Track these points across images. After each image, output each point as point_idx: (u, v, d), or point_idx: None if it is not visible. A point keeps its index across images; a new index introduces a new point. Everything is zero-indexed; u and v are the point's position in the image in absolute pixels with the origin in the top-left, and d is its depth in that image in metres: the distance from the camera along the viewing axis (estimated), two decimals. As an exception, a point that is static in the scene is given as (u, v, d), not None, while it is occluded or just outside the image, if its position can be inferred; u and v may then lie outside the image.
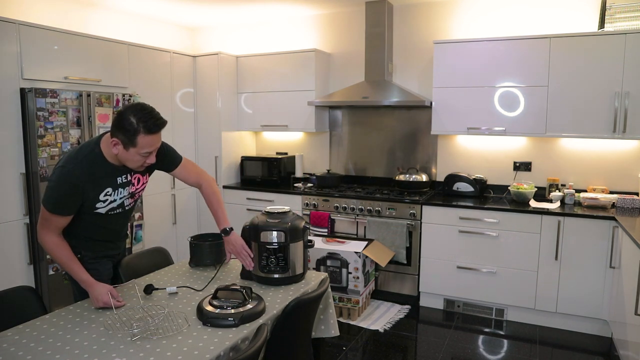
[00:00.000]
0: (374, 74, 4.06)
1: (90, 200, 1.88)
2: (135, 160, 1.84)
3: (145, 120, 1.77)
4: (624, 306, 2.73)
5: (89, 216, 1.93)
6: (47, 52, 3.10)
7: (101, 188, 1.89)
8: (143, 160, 1.85)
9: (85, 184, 1.83)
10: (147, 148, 1.81)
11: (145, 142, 1.79)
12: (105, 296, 1.80)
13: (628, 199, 3.34)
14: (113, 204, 1.95)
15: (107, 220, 1.99)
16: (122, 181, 1.95)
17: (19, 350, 1.50)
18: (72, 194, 1.82)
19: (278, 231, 2.07)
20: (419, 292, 3.75)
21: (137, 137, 1.77)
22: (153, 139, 1.81)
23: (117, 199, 1.95)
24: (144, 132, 1.77)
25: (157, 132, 1.83)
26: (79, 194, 1.83)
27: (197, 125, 4.49)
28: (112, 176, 1.91)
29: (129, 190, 1.99)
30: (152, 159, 1.87)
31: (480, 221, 3.45)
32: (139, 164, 1.86)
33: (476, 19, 3.88)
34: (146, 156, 1.84)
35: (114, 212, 1.98)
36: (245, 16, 4.62)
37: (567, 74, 3.34)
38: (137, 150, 1.80)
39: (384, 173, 4.37)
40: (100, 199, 1.90)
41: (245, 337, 1.61)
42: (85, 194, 1.85)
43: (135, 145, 1.78)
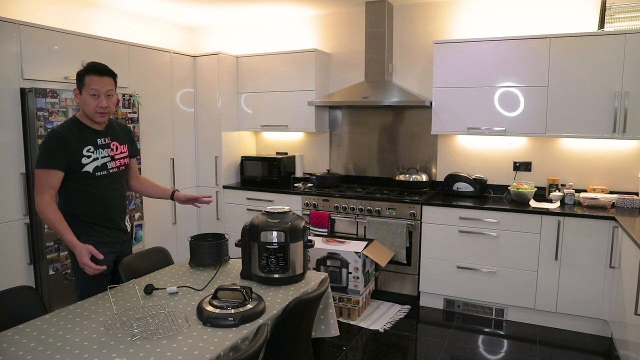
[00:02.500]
0: (374, 74, 4.06)
1: (75, 154, 2.10)
2: (89, 103, 2.11)
3: (90, 64, 2.16)
4: (624, 306, 2.73)
5: (80, 180, 2.13)
6: (47, 52, 3.10)
7: (84, 144, 2.13)
8: (95, 103, 2.11)
9: (68, 138, 2.09)
10: (94, 85, 2.10)
11: (90, 80, 2.10)
12: (85, 257, 1.98)
13: (628, 199, 3.34)
14: (97, 162, 2.17)
15: (97, 183, 2.18)
16: (102, 143, 2.21)
17: (19, 350, 1.50)
18: (59, 147, 2.06)
19: (278, 231, 2.07)
20: (419, 292, 3.75)
21: (85, 77, 2.11)
22: (98, 80, 2.11)
23: (100, 157, 2.19)
24: (89, 73, 2.11)
25: (100, 73, 2.13)
26: (65, 146, 2.07)
27: (197, 125, 4.49)
28: (91, 136, 2.17)
29: (109, 153, 2.23)
30: (102, 101, 2.11)
31: (480, 221, 3.45)
32: (94, 106, 2.11)
33: (476, 19, 3.88)
34: (94, 97, 2.10)
35: (100, 173, 2.19)
36: (245, 16, 4.62)
37: (567, 74, 3.34)
38: (87, 91, 2.10)
39: (384, 173, 4.37)
40: (84, 154, 2.12)
41: (245, 337, 1.61)
42: (69, 146, 2.08)
43: (84, 84, 2.11)
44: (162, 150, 4.08)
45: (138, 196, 3.64)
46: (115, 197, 2.28)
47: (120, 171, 2.30)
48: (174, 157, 4.23)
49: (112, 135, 2.26)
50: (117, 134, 2.30)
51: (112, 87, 2.17)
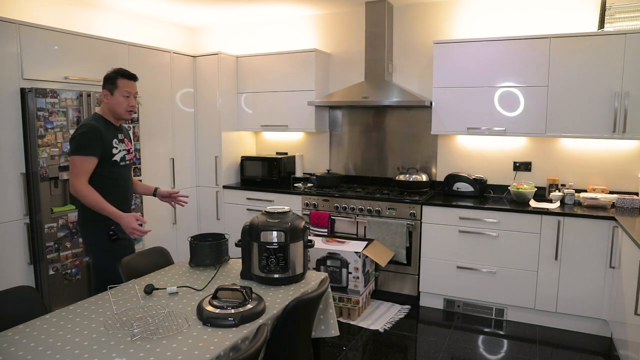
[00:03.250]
0: (374, 74, 4.06)
1: (107, 144, 2.39)
2: (120, 102, 2.44)
3: (120, 69, 2.49)
4: (624, 306, 2.73)
5: (109, 167, 2.41)
6: (47, 52, 3.10)
7: (112, 136, 2.44)
8: (126, 102, 2.45)
9: (101, 131, 2.37)
10: (126, 88, 2.44)
11: (123, 83, 2.44)
12: (133, 222, 2.26)
13: (628, 199, 3.34)
14: (121, 154, 2.49)
15: (120, 171, 2.48)
16: (120, 138, 2.51)
17: (19, 350, 1.50)
18: (96, 137, 2.34)
19: (278, 231, 2.07)
20: (419, 292, 3.75)
21: (117, 80, 2.43)
22: (129, 83, 2.47)
23: (121, 149, 2.50)
24: (122, 77, 2.45)
25: (130, 78, 2.48)
26: (100, 137, 2.36)
27: (197, 125, 4.49)
28: (114, 131, 2.48)
29: (125, 147, 2.54)
30: (132, 101, 2.47)
31: (480, 221, 3.45)
32: (124, 105, 2.45)
33: (476, 19, 3.88)
34: (127, 96, 2.44)
35: (123, 163, 2.50)
36: (245, 16, 4.62)
37: (567, 74, 3.34)
38: (120, 93, 2.42)
39: (384, 173, 4.37)
40: (114, 145, 2.44)
41: (245, 337, 1.61)
42: (103, 137, 2.37)
43: (117, 86, 2.42)
44: (162, 150, 4.09)
45: (138, 196, 3.64)
46: (129, 185, 2.61)
47: (131, 164, 2.63)
48: (174, 157, 4.23)
49: (124, 133, 2.59)
50: (126, 133, 2.63)
51: (137, 90, 2.54)
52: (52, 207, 3.09)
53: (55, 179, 3.09)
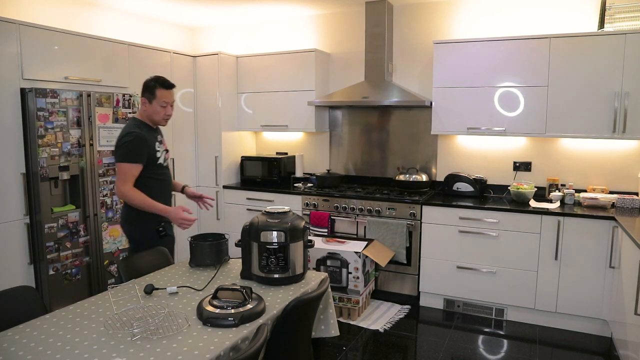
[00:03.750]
0: (374, 74, 4.06)
1: (151, 149, 2.53)
2: (158, 110, 2.55)
3: (159, 79, 2.56)
4: (624, 306, 2.73)
5: (154, 170, 2.55)
6: (47, 52, 3.10)
7: (154, 140, 2.58)
8: (164, 111, 2.56)
9: (145, 136, 2.51)
10: (164, 98, 2.54)
11: (161, 94, 2.53)
12: (181, 213, 2.43)
13: (628, 199, 3.34)
14: (162, 156, 2.63)
15: (164, 172, 2.63)
16: (159, 139, 2.66)
17: (19, 350, 1.50)
18: (142, 145, 2.48)
19: (278, 231, 2.07)
20: (419, 292, 3.75)
21: (156, 90, 2.52)
22: (167, 93, 2.55)
23: (162, 151, 2.64)
24: (161, 87, 2.53)
25: (168, 87, 2.55)
26: (145, 144, 2.49)
27: (197, 125, 4.49)
28: (154, 133, 2.62)
29: (164, 148, 2.68)
30: (168, 110, 2.58)
31: (480, 221, 3.45)
32: (162, 114, 2.56)
33: (476, 19, 3.88)
34: (164, 106, 2.55)
35: (164, 163, 2.65)
36: (245, 16, 4.62)
37: (567, 74, 3.34)
38: (158, 101, 2.53)
39: (384, 173, 4.37)
40: (156, 148, 2.58)
41: (245, 337, 1.61)
42: (148, 143, 2.51)
43: (155, 96, 2.52)
44: (162, 150, 4.08)
45: (138, 196, 3.64)
46: (169, 183, 2.74)
47: (168, 163, 2.75)
48: (174, 157, 4.23)
49: (160, 134, 2.72)
50: (161, 134, 2.75)
51: (174, 98, 2.63)
52: (52, 207, 3.09)
53: (55, 179, 3.10)
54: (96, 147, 3.30)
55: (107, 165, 3.40)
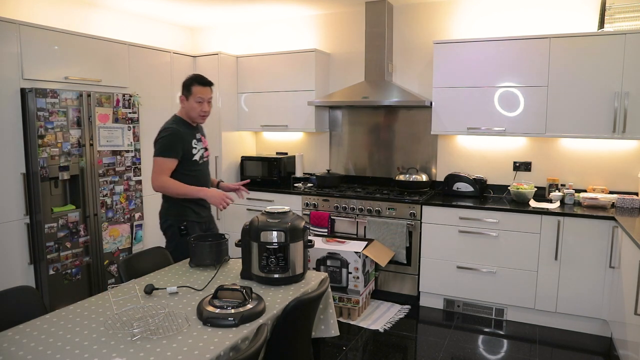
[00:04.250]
0: (374, 74, 4.06)
1: (188, 144, 2.61)
2: (194, 107, 2.61)
3: (196, 76, 2.65)
4: (624, 306, 2.73)
5: (189, 166, 2.62)
6: (47, 52, 3.10)
7: (191, 137, 2.65)
8: (199, 108, 2.61)
9: (182, 132, 2.60)
10: (200, 94, 2.60)
11: (197, 90, 2.60)
12: (220, 193, 2.53)
13: (628, 199, 3.34)
14: (200, 152, 2.69)
15: (199, 169, 2.69)
16: (198, 137, 2.72)
17: (19, 350, 1.50)
18: (178, 140, 2.57)
19: (278, 231, 2.07)
20: (419, 292, 3.75)
21: (192, 87, 2.60)
22: (203, 89, 2.61)
23: (199, 149, 2.70)
24: (197, 84, 2.61)
25: (204, 84, 2.62)
26: (181, 139, 2.58)
27: (197, 125, 4.49)
28: (193, 131, 2.69)
29: (203, 145, 2.75)
30: (204, 106, 2.63)
31: (480, 221, 3.45)
32: (197, 110, 2.62)
33: (476, 19, 3.88)
34: (200, 102, 2.61)
35: (201, 160, 2.71)
36: (245, 16, 4.62)
37: (567, 74, 3.34)
38: (194, 98, 2.60)
39: (384, 173, 4.37)
40: (193, 145, 2.64)
41: (245, 337, 1.61)
42: (184, 139, 2.59)
43: (191, 92, 2.60)
44: (162, 150, 4.08)
45: (138, 196, 3.64)
46: (207, 180, 2.78)
47: (208, 160, 2.82)
48: (174, 157, 4.22)
49: (201, 132, 2.78)
50: (203, 132, 2.82)
51: (211, 95, 2.68)
52: (52, 207, 3.09)
53: (55, 179, 3.10)
54: (96, 147, 3.30)
55: (107, 165, 3.40)
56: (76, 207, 3.23)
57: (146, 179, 3.80)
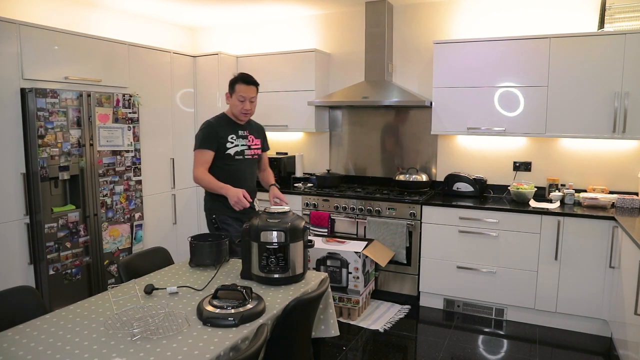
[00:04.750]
0: (374, 74, 4.06)
1: (222, 139, 2.69)
2: (236, 104, 2.72)
3: (241, 75, 2.75)
4: (624, 306, 2.73)
5: (224, 160, 2.70)
6: (47, 52, 3.10)
7: (229, 132, 2.74)
8: (241, 106, 2.71)
9: (217, 127, 2.72)
10: (242, 93, 2.69)
11: (240, 88, 2.70)
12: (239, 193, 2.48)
13: (628, 199, 3.34)
14: (237, 148, 2.75)
15: (235, 164, 2.74)
16: (242, 134, 2.79)
17: (19, 350, 1.50)
18: (210, 133, 2.69)
19: (278, 231, 2.07)
20: (419, 292, 3.75)
21: (235, 85, 2.71)
22: (246, 88, 2.71)
23: (239, 145, 2.76)
24: (240, 82, 2.71)
25: (247, 83, 2.71)
26: (214, 132, 2.69)
27: (197, 125, 4.48)
28: (235, 128, 2.77)
29: (246, 143, 2.80)
30: (246, 105, 2.71)
31: (480, 221, 3.45)
32: (239, 107, 2.71)
33: (476, 19, 3.88)
34: (242, 101, 2.70)
35: (239, 157, 2.75)
36: (245, 16, 4.62)
37: (567, 74, 3.34)
38: (236, 95, 2.70)
39: (384, 173, 4.37)
40: (229, 140, 2.72)
41: (245, 337, 1.61)
42: (218, 134, 2.69)
43: (234, 90, 2.71)
44: (162, 150, 4.09)
45: (138, 196, 3.64)
46: (247, 178, 2.82)
47: (253, 159, 2.85)
48: (174, 157, 4.23)
49: (249, 130, 2.84)
50: (254, 130, 2.88)
51: (255, 94, 2.76)
52: (52, 207, 3.09)
53: (55, 179, 3.10)
54: (96, 147, 3.30)
55: (107, 165, 3.40)
56: (76, 207, 3.23)
57: (146, 179, 3.82)
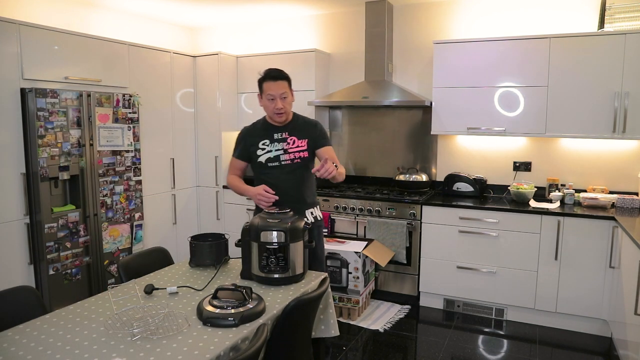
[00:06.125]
0: (374, 74, 4.06)
1: (252, 146, 2.51)
2: (267, 105, 2.45)
3: (267, 71, 2.45)
4: (624, 306, 2.73)
5: (257, 169, 2.52)
6: (47, 52, 3.10)
7: (261, 138, 2.51)
8: (272, 106, 2.42)
9: (248, 133, 2.56)
10: (270, 91, 2.40)
11: (267, 86, 2.41)
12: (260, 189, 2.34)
13: (628, 199, 3.34)
14: (269, 154, 2.49)
15: (268, 172, 2.49)
16: (278, 137, 2.50)
17: (19, 350, 1.50)
18: (240, 141, 2.57)
19: (278, 231, 2.07)
20: (419, 292, 3.75)
21: (263, 83, 2.43)
22: (273, 85, 2.40)
23: (273, 150, 2.49)
24: (266, 80, 2.42)
25: (274, 79, 2.41)
26: (243, 140, 2.55)
27: (197, 125, 4.49)
28: (269, 131, 2.51)
29: (283, 147, 2.49)
30: (277, 103, 2.40)
31: (480, 221, 3.45)
32: (271, 108, 2.43)
33: (476, 19, 3.88)
34: (272, 100, 2.41)
35: (272, 163, 2.48)
36: (245, 16, 4.62)
37: (567, 74, 3.34)
38: (265, 95, 2.42)
39: (384, 173, 4.37)
40: (260, 147, 2.50)
41: (245, 337, 1.61)
42: (248, 141, 2.53)
43: (263, 90, 2.43)
44: (162, 150, 4.09)
45: (138, 196, 3.64)
46: (286, 186, 2.47)
47: (294, 164, 2.49)
48: (174, 157, 4.23)
49: (291, 130, 2.51)
50: (298, 130, 2.53)
51: (286, 89, 2.44)
52: (52, 207, 3.09)
53: (55, 179, 3.10)
54: (96, 147, 3.30)
55: (107, 165, 3.40)
56: (76, 207, 3.23)
57: (146, 179, 3.82)
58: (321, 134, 2.55)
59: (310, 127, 2.55)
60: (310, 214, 2.58)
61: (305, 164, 2.52)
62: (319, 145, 2.53)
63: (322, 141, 2.54)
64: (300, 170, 2.50)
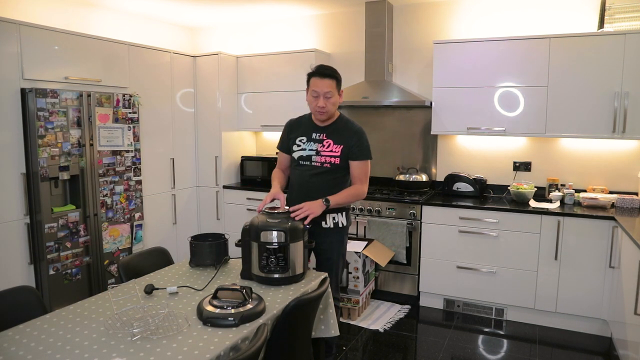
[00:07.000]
0: (374, 74, 4.06)
1: (291, 140, 2.52)
2: (310, 101, 2.40)
3: (317, 67, 2.41)
4: (624, 306, 2.73)
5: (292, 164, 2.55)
6: (47, 52, 3.11)
7: (299, 133, 2.51)
8: (314, 103, 2.37)
9: (292, 127, 2.56)
10: (315, 87, 2.36)
11: (314, 82, 2.37)
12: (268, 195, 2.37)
13: (627, 199, 3.34)
14: (303, 152, 2.47)
15: (298, 170, 2.50)
16: (315, 137, 2.47)
17: (19, 350, 1.50)
18: (284, 132, 2.59)
19: (278, 231, 2.07)
20: (419, 292, 3.75)
21: (311, 78, 2.39)
22: (319, 82, 2.35)
23: (307, 149, 2.47)
24: (314, 75, 2.38)
25: (322, 76, 2.35)
26: (285, 133, 2.57)
27: (197, 125, 4.49)
28: (310, 129, 2.49)
29: (317, 148, 2.44)
30: (319, 101, 2.35)
31: (480, 221, 3.45)
32: (314, 105, 2.39)
33: (476, 19, 3.88)
34: (316, 97, 2.36)
35: (303, 162, 2.47)
36: (245, 16, 4.62)
37: (567, 74, 3.34)
38: (310, 91, 2.38)
39: (384, 173, 4.37)
40: (296, 142, 2.50)
41: (245, 337, 1.61)
42: (290, 134, 2.54)
43: (309, 86, 2.40)
44: (162, 150, 4.09)
45: (138, 196, 3.64)
46: (311, 188, 2.42)
47: (324, 167, 2.43)
48: (174, 157, 4.23)
49: (330, 133, 2.45)
50: (336, 134, 2.44)
51: (332, 88, 2.36)
52: (52, 207, 3.09)
53: (55, 179, 3.10)
54: (96, 147, 3.30)
55: (107, 165, 3.40)
56: (76, 207, 3.23)
57: (146, 179, 3.82)
58: (357, 145, 2.42)
59: (349, 135, 2.43)
60: (331, 219, 2.49)
61: (336, 169, 2.43)
62: (351, 157, 2.43)
63: (355, 153, 2.42)
64: (328, 175, 2.43)
